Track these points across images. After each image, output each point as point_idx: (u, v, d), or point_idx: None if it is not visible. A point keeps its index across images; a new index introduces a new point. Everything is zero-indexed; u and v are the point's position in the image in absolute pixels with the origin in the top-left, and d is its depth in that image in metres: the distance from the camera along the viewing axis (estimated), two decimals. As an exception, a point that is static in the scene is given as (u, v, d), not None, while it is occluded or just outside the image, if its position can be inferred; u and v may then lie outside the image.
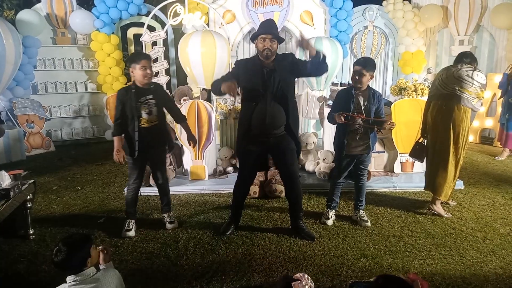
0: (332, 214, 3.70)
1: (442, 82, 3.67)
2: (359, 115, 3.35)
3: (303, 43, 3.01)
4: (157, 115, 3.34)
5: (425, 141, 3.90)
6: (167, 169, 4.62)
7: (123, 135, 3.31)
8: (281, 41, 3.13)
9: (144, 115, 3.28)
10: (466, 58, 3.70)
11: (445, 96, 3.63)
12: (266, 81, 3.09)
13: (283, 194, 4.09)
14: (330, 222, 3.64)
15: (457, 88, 3.56)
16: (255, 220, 3.75)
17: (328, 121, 3.54)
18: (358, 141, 3.45)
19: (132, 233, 3.43)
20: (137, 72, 3.20)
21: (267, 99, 3.10)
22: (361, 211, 3.68)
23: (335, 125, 3.53)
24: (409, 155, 4.10)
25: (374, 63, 3.40)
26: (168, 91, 7.29)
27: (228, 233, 3.42)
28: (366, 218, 3.63)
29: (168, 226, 3.57)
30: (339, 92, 3.59)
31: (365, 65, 3.31)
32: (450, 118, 3.60)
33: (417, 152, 3.94)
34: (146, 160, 3.46)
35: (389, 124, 3.33)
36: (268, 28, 3.07)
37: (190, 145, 3.72)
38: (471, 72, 3.55)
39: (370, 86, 3.47)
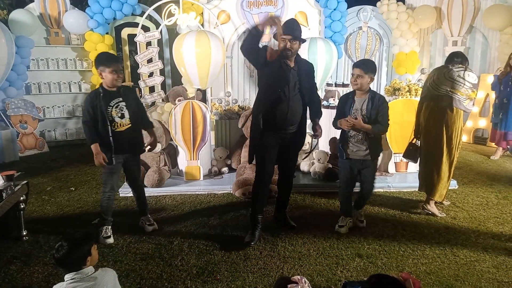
0: (347, 221, 3.50)
1: (434, 83, 3.68)
2: (347, 120, 3.24)
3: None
4: (129, 118, 3.24)
5: (418, 142, 3.91)
6: (161, 170, 4.62)
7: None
8: (302, 41, 3.16)
9: (117, 119, 3.18)
10: (457, 58, 3.69)
11: (437, 98, 3.65)
12: (289, 77, 3.12)
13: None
14: (343, 230, 3.45)
15: (449, 89, 3.58)
16: (249, 220, 3.74)
17: (333, 126, 3.49)
18: (359, 145, 3.33)
19: (111, 240, 3.32)
20: (106, 76, 3.09)
21: (289, 94, 3.13)
22: (359, 210, 3.63)
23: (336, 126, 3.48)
24: (402, 156, 4.12)
25: (374, 65, 3.31)
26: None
27: (253, 242, 3.22)
28: (362, 219, 3.61)
29: (148, 228, 3.51)
30: (341, 97, 3.51)
31: (364, 67, 3.21)
32: (442, 119, 3.62)
33: (410, 153, 3.95)
34: (122, 164, 3.35)
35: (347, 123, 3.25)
36: (289, 29, 3.07)
37: (147, 149, 3.55)
38: (462, 72, 3.57)
39: (372, 89, 3.33)
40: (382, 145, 3.50)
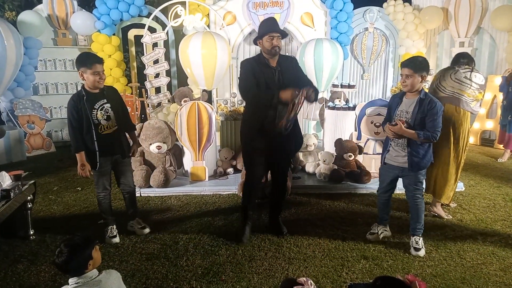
0: (381, 229, 3.37)
1: (440, 85, 3.66)
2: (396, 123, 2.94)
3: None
4: (115, 120, 3.17)
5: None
6: (167, 171, 4.63)
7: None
8: (285, 36, 3.17)
9: (103, 122, 3.09)
10: (463, 59, 3.67)
11: (444, 99, 3.62)
12: (276, 82, 3.11)
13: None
14: (381, 236, 3.34)
15: (455, 91, 3.56)
16: (255, 221, 3.74)
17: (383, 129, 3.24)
18: (399, 150, 3.06)
19: (117, 239, 3.33)
20: (88, 77, 2.99)
21: (276, 98, 3.07)
22: (415, 237, 3.14)
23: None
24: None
25: (426, 61, 2.93)
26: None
27: (244, 239, 3.26)
28: (418, 246, 3.09)
29: (143, 231, 3.46)
30: (391, 96, 3.28)
31: (413, 65, 2.88)
32: (449, 121, 3.59)
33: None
34: (111, 166, 3.30)
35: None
36: (274, 26, 3.11)
37: (130, 153, 3.44)
38: (469, 73, 3.54)
39: (425, 90, 2.98)
40: (431, 156, 3.08)
